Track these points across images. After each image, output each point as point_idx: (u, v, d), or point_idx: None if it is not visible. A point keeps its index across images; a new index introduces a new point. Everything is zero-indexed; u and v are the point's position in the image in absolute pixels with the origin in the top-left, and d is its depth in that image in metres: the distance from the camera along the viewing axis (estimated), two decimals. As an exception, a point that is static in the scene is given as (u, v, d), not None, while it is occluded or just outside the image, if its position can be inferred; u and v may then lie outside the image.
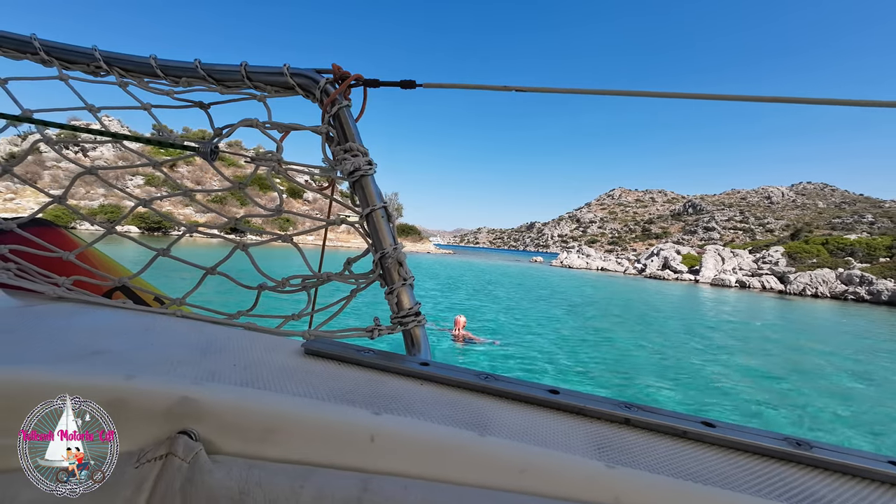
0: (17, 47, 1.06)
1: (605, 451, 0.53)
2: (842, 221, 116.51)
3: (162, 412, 0.56)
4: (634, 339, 11.31)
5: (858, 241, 52.00)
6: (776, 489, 0.48)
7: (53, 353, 0.65)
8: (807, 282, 39.47)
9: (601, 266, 58.91)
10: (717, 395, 7.28)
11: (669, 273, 48.90)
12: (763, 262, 47.44)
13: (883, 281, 35.77)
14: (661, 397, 7.01)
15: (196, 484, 0.50)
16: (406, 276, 0.94)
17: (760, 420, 6.43)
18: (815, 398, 7.59)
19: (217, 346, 0.74)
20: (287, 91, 1.01)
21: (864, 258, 47.09)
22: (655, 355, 9.76)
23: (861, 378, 9.31)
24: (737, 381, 8.21)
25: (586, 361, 8.66)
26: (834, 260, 46.70)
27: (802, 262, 47.10)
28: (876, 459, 0.51)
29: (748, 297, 32.42)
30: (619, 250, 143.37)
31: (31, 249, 0.99)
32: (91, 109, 1.05)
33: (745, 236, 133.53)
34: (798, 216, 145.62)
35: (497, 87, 0.97)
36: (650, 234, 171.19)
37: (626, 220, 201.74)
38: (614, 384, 7.49)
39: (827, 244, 52.09)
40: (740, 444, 0.55)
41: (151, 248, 1.01)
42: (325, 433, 0.55)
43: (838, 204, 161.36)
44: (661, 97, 0.88)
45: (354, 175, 0.94)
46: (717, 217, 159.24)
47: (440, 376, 0.68)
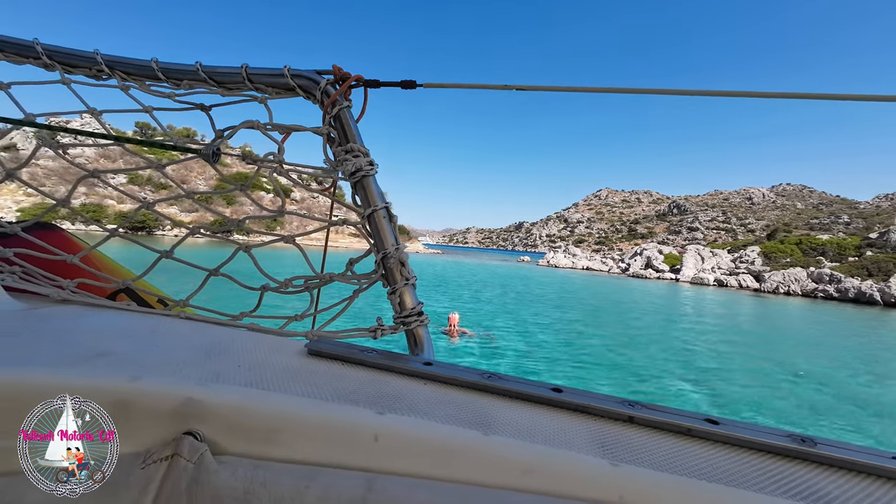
0: (19, 52, 1.05)
1: (608, 450, 0.53)
2: (819, 222, 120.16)
3: (167, 413, 0.56)
4: (595, 329, 13.65)
5: (829, 242, 53.85)
6: (781, 486, 0.48)
7: (58, 355, 0.65)
8: (780, 280, 40.84)
9: (586, 265, 59.86)
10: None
11: (652, 272, 49.95)
12: (740, 261, 48.83)
13: (850, 279, 37.20)
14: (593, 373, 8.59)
15: (201, 484, 0.50)
16: (408, 276, 0.95)
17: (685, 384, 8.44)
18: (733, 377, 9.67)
19: (221, 348, 0.74)
20: (288, 92, 1.01)
21: (835, 257, 48.76)
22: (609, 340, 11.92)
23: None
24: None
25: (550, 347, 10.54)
26: (806, 259, 48.29)
27: (777, 262, 48.57)
28: (881, 455, 0.51)
29: (722, 295, 33.46)
30: (606, 250, 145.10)
31: (36, 252, 0.98)
32: (93, 113, 1.04)
33: (727, 236, 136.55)
34: (778, 217, 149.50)
35: (497, 86, 0.98)
36: (636, 234, 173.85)
37: (612, 221, 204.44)
38: (560, 359, 9.28)
39: (801, 244, 53.80)
40: (744, 441, 0.55)
41: (154, 251, 1.01)
42: (330, 433, 0.55)
43: (816, 205, 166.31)
44: (655, 94, 0.91)
45: (356, 176, 0.95)
46: (700, 217, 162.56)
47: (444, 376, 0.68)
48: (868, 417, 7.79)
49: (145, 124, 67.44)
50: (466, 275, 32.76)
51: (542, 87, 0.95)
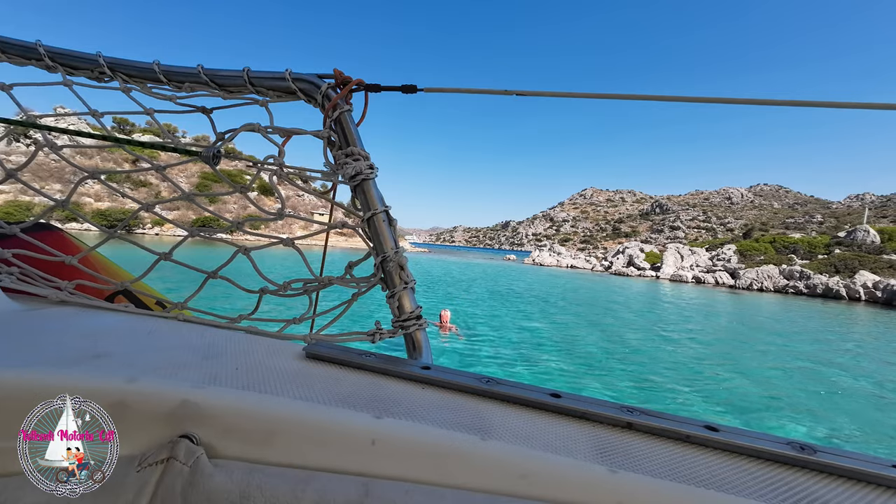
0: (21, 53, 1.04)
1: (607, 456, 0.52)
2: (794, 221, 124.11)
3: (163, 416, 0.56)
4: (566, 321, 15.12)
5: (801, 240, 55.91)
6: (780, 494, 0.48)
7: (56, 356, 0.65)
8: (753, 277, 42.15)
9: (571, 264, 60.74)
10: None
11: (634, 270, 50.96)
12: (717, 259, 50.17)
13: (819, 276, 38.64)
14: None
15: (197, 488, 0.49)
16: (407, 280, 0.95)
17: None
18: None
19: (218, 350, 0.74)
20: (289, 96, 1.02)
21: (805, 255, 50.60)
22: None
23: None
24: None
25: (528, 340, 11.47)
26: (779, 257, 49.97)
27: (752, 259, 50.11)
28: (880, 463, 0.51)
29: (698, 291, 34.64)
30: (591, 248, 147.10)
31: (34, 254, 0.97)
32: (95, 114, 1.03)
33: (707, 235, 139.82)
34: (756, 216, 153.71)
35: (497, 91, 0.99)
36: (620, 233, 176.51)
37: (597, 220, 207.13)
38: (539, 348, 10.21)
39: (774, 242, 55.67)
40: (743, 448, 0.54)
41: (154, 253, 1.00)
42: (327, 437, 0.54)
43: (791, 205, 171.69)
44: (647, 100, 0.94)
45: (356, 179, 0.95)
46: (682, 217, 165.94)
47: (441, 380, 0.68)
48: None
49: (123, 120, 65.35)
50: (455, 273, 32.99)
51: (542, 93, 0.97)
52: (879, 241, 49.94)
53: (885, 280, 34.73)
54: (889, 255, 44.38)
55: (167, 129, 1.10)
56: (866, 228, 52.77)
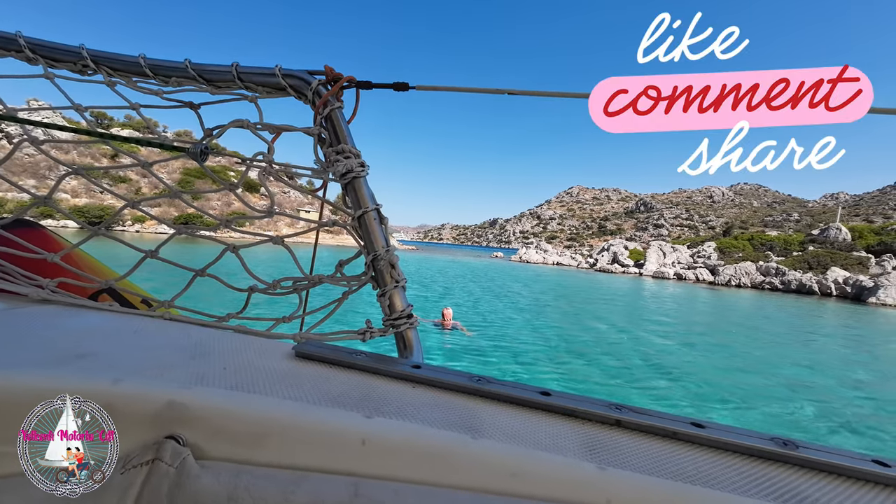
0: (0, 44, 1.00)
1: (596, 453, 0.53)
2: (773, 219, 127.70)
3: (149, 417, 0.55)
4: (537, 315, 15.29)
5: (777, 238, 57.53)
6: (764, 489, 0.49)
7: (37, 357, 0.63)
8: (732, 273, 43.27)
9: (556, 261, 61.40)
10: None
11: (618, 267, 51.77)
12: (698, 256, 51.38)
13: (793, 272, 39.94)
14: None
15: (183, 489, 0.49)
16: (398, 279, 0.95)
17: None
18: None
19: (206, 350, 0.72)
20: (279, 92, 1.00)
21: (781, 252, 52.09)
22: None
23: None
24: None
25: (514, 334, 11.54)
26: (757, 254, 51.33)
27: (731, 256, 51.40)
28: (861, 459, 0.53)
29: (679, 288, 35.52)
30: (577, 246, 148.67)
31: (14, 251, 0.93)
32: (78, 109, 1.00)
33: (690, 232, 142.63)
34: (736, 214, 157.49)
35: (489, 90, 1.00)
36: (606, 231, 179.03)
37: (583, 217, 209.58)
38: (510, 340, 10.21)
39: (752, 240, 57.19)
40: (729, 444, 0.56)
41: (140, 250, 0.98)
42: (316, 437, 0.54)
43: (770, 203, 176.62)
44: None
45: (346, 177, 0.94)
46: (665, 215, 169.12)
47: (432, 379, 0.68)
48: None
49: (101, 113, 63.35)
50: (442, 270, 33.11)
51: (532, 93, 0.98)
52: (850, 238, 51.76)
53: (854, 276, 35.97)
54: (858, 251, 46.04)
55: (147, 124, 1.08)
56: (839, 226, 54.52)
